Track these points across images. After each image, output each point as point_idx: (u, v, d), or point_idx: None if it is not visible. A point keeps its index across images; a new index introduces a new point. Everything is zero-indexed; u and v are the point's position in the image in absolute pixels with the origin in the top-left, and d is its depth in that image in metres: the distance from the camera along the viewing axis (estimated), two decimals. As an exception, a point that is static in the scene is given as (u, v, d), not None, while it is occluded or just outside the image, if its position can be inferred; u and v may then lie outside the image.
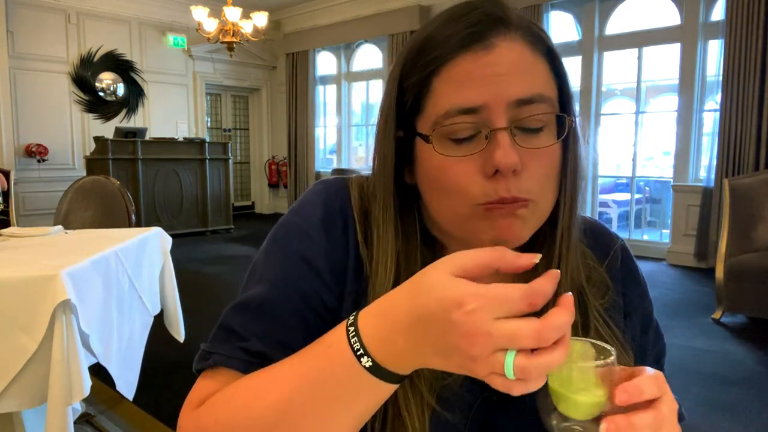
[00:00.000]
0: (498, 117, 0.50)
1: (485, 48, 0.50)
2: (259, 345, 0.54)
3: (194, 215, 7.20)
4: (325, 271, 0.57)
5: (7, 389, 1.27)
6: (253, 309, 0.56)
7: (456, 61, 0.51)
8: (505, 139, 0.50)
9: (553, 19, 6.10)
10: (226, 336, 0.55)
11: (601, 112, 6.04)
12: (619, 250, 0.66)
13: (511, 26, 0.51)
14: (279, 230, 0.60)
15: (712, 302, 3.71)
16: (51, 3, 6.82)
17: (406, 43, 0.56)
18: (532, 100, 0.50)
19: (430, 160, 0.53)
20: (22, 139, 6.66)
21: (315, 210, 0.59)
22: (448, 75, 0.51)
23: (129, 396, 1.66)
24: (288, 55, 8.84)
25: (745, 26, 4.67)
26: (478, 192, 0.51)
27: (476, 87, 0.50)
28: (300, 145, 8.79)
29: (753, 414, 2.31)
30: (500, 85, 0.50)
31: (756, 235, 3.60)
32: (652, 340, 0.66)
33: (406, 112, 0.54)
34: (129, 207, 2.50)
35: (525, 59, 0.51)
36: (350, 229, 0.59)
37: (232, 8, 6.32)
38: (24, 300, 1.28)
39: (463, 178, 0.51)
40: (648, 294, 0.67)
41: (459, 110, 0.50)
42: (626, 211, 6.48)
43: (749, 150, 4.70)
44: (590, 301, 0.59)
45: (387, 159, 0.56)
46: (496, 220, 0.52)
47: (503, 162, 0.49)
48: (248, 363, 0.53)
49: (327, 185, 0.62)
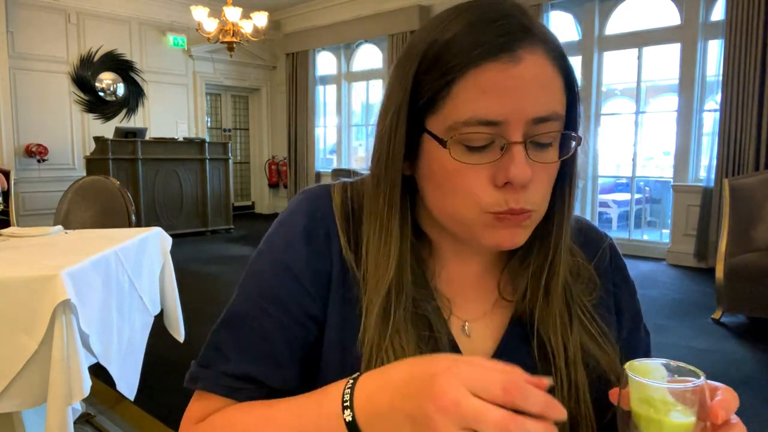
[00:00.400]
0: (515, 131, 0.51)
1: (513, 60, 0.50)
2: (240, 364, 0.56)
3: (194, 215, 7.20)
4: (308, 280, 0.58)
5: (7, 389, 1.27)
6: (235, 324, 0.59)
7: (482, 68, 0.50)
8: (521, 154, 0.51)
9: (553, 19, 6.10)
10: (212, 355, 0.58)
11: (601, 112, 6.04)
12: (608, 249, 0.67)
13: (536, 39, 0.51)
14: (263, 243, 0.62)
15: (712, 302, 3.70)
16: (51, 3, 6.82)
17: (420, 39, 0.55)
18: (548, 118, 0.51)
19: (440, 160, 0.53)
20: (22, 139, 6.66)
21: (297, 221, 0.60)
22: (474, 81, 0.50)
23: (130, 396, 1.66)
24: (288, 55, 8.84)
25: (745, 26, 4.67)
26: (488, 201, 0.52)
27: (499, 99, 0.50)
28: (300, 145, 8.79)
29: (753, 414, 2.31)
30: (522, 101, 0.50)
31: (756, 235, 3.60)
32: (643, 336, 0.68)
33: (417, 108, 0.54)
34: (129, 207, 2.50)
35: (546, 74, 0.52)
36: (333, 236, 0.60)
37: (232, 8, 6.32)
38: (24, 300, 1.28)
39: (473, 185, 0.52)
40: (636, 292, 0.69)
41: (480, 121, 0.50)
42: (626, 211, 6.48)
43: (749, 150, 4.70)
44: (574, 295, 0.61)
45: (395, 154, 0.55)
46: (501, 229, 0.53)
47: (518, 177, 0.50)
48: (231, 389, 0.56)
49: (309, 194, 0.63)
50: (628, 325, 0.66)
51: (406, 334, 0.55)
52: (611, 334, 0.62)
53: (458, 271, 0.62)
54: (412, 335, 0.55)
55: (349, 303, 0.58)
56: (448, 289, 0.61)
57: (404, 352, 0.54)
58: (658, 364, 0.45)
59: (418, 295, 0.57)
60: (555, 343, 0.58)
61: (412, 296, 0.57)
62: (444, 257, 0.62)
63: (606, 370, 0.59)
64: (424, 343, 0.56)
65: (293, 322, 0.58)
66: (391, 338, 0.54)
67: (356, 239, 0.59)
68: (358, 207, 0.61)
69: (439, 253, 0.62)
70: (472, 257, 0.63)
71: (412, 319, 0.56)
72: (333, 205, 0.61)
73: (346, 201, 0.61)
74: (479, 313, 0.62)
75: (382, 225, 0.57)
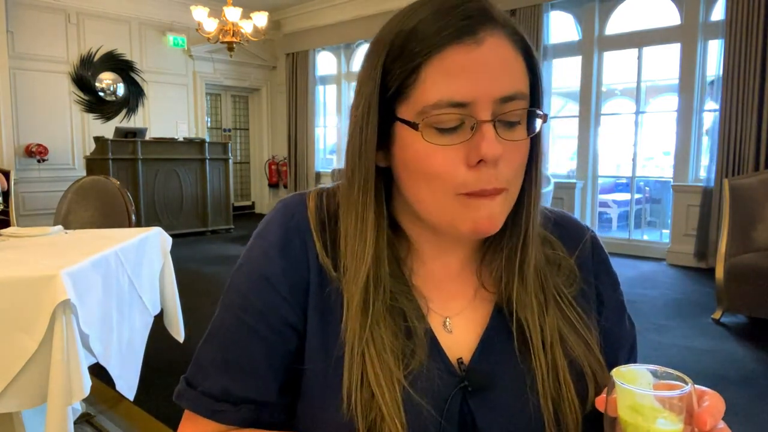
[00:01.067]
0: (484, 111, 0.52)
1: (475, 42, 0.52)
2: (220, 379, 0.58)
3: (194, 215, 7.20)
4: (286, 290, 0.59)
5: (7, 389, 1.26)
6: (216, 338, 0.61)
7: (447, 52, 0.52)
8: (491, 132, 0.52)
9: (553, 19, 6.10)
10: (196, 371, 0.61)
11: (601, 112, 6.04)
12: (589, 241, 0.68)
13: (498, 23, 0.54)
14: (242, 257, 0.63)
15: (712, 302, 3.70)
16: (51, 3, 6.81)
17: (387, 30, 0.57)
18: (513, 97, 0.53)
19: (413, 146, 0.55)
20: (22, 139, 6.66)
21: (273, 232, 0.62)
22: (440, 65, 0.52)
23: (130, 396, 1.66)
24: (288, 55, 8.84)
25: (745, 26, 4.67)
26: (462, 181, 0.53)
27: (466, 80, 0.52)
28: (300, 145, 8.79)
29: (753, 414, 2.31)
30: (489, 81, 0.52)
31: (756, 235, 3.60)
32: (627, 328, 0.68)
33: (387, 98, 0.56)
34: (129, 207, 2.50)
35: (508, 55, 0.54)
36: (309, 244, 0.60)
37: (232, 8, 6.32)
38: (24, 300, 1.28)
39: (447, 166, 0.53)
40: (619, 283, 0.69)
41: (450, 103, 0.52)
42: (626, 211, 6.49)
43: (749, 150, 4.70)
44: (550, 282, 0.62)
45: (368, 144, 0.56)
46: (475, 210, 0.54)
47: (489, 153, 0.52)
48: (213, 411, 0.58)
49: (285, 204, 0.64)
50: (612, 317, 0.66)
51: (385, 325, 0.56)
52: (591, 324, 0.62)
53: (437, 268, 0.63)
54: (392, 327, 0.56)
55: (328, 309, 0.59)
56: (428, 285, 0.62)
57: (384, 343, 0.55)
58: (644, 371, 0.45)
59: (396, 289, 0.58)
60: (532, 325, 0.59)
61: (390, 289, 0.58)
62: (423, 254, 0.62)
63: (581, 360, 0.59)
64: (404, 335, 0.57)
65: (273, 333, 0.59)
66: (371, 329, 0.55)
67: (334, 241, 0.60)
68: (334, 209, 0.62)
69: (418, 250, 0.62)
70: (451, 253, 0.63)
71: (391, 311, 0.57)
72: (308, 212, 0.62)
73: (321, 206, 0.62)
74: (460, 308, 0.62)
75: (357, 215, 0.58)
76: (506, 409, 0.57)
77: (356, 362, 0.55)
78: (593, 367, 0.59)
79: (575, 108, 6.25)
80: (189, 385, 0.60)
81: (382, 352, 0.55)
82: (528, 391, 0.58)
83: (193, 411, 0.59)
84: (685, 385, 0.43)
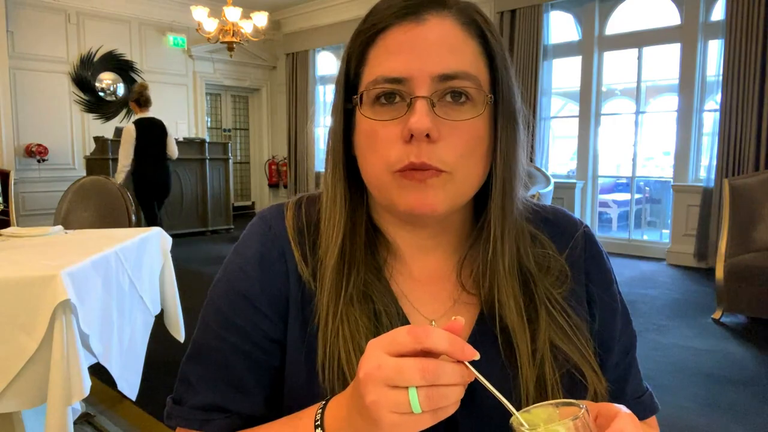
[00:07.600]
0: (420, 87, 0.52)
1: (418, 21, 0.53)
2: (207, 395, 0.58)
3: (194, 215, 7.20)
4: (265, 304, 0.59)
5: (7, 389, 1.26)
6: (198, 356, 0.60)
7: (389, 32, 0.54)
8: (423, 107, 0.52)
9: (553, 19, 6.10)
10: (182, 389, 0.60)
11: (601, 112, 6.04)
12: (581, 237, 0.65)
13: (446, 6, 0.55)
14: (220, 271, 0.63)
15: (712, 302, 3.70)
16: (51, 3, 6.81)
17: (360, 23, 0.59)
18: (455, 76, 0.53)
19: (360, 125, 0.56)
20: (22, 139, 6.66)
21: (250, 246, 0.62)
22: (382, 44, 0.54)
23: (132, 396, 1.66)
24: (288, 55, 8.84)
25: (745, 26, 4.67)
26: (394, 157, 0.53)
27: (404, 57, 0.53)
28: (300, 145, 8.79)
29: (753, 414, 2.31)
30: (425, 59, 0.52)
31: (756, 235, 3.60)
32: (620, 326, 0.65)
33: (350, 84, 0.57)
34: (129, 207, 2.50)
35: (454, 36, 0.54)
36: (288, 254, 0.60)
37: (232, 8, 6.32)
38: (24, 300, 1.28)
39: (384, 142, 0.54)
40: (614, 279, 0.66)
41: (386, 79, 0.53)
42: (626, 211, 6.48)
43: (749, 150, 4.70)
44: (539, 287, 0.59)
45: (336, 127, 0.59)
46: (408, 189, 0.54)
47: (416, 126, 0.51)
48: (203, 420, 0.58)
49: (262, 217, 0.64)
50: (603, 316, 0.63)
51: (359, 306, 0.56)
52: (584, 326, 0.60)
53: (418, 268, 0.62)
54: (367, 312, 0.56)
55: (309, 318, 0.58)
56: (410, 287, 0.61)
57: (357, 324, 0.55)
58: (548, 407, 0.44)
59: (377, 291, 0.58)
60: (519, 330, 0.57)
61: (364, 278, 0.58)
62: (402, 254, 0.62)
63: (578, 365, 0.57)
64: (377, 318, 0.57)
65: (254, 348, 0.58)
66: (345, 308, 0.56)
67: (314, 245, 0.60)
68: (315, 214, 0.62)
69: (397, 251, 0.62)
70: (430, 251, 0.62)
71: (365, 297, 0.57)
72: (285, 222, 0.62)
73: (299, 215, 0.63)
74: (443, 310, 0.61)
75: (329, 191, 0.60)
76: (489, 416, 0.55)
77: (330, 341, 0.55)
78: (588, 375, 0.57)
79: (575, 108, 6.25)
80: (177, 404, 0.60)
81: (356, 333, 0.55)
82: (512, 397, 0.56)
83: (184, 426, 0.59)
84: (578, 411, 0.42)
